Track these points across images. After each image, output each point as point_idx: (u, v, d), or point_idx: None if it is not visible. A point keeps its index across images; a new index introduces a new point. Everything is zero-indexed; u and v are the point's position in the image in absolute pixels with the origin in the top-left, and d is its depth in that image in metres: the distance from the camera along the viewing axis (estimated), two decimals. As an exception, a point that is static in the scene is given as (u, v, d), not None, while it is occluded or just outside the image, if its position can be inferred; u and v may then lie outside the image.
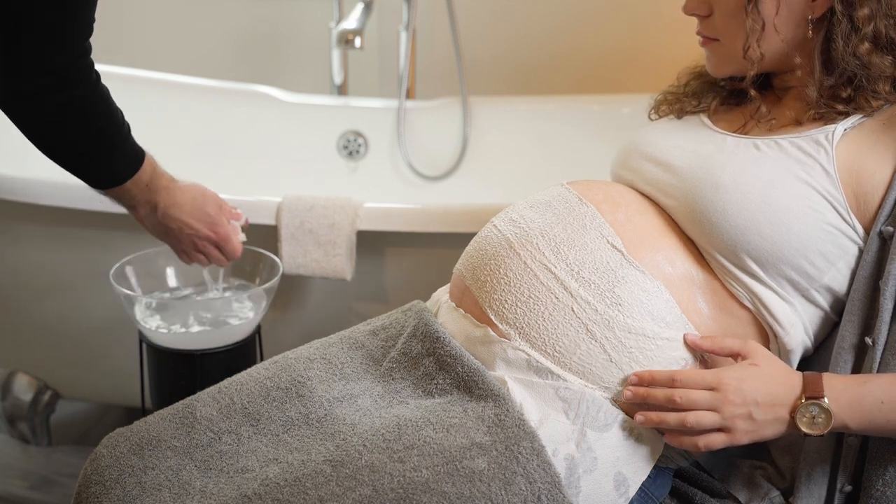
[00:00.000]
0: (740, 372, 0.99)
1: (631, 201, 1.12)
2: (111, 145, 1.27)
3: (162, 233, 1.41)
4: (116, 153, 1.28)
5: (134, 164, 1.30)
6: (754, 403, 0.98)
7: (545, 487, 0.95)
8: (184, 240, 1.41)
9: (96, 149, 1.26)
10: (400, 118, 2.30)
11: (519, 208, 1.14)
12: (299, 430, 1.05)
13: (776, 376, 1.00)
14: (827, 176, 1.05)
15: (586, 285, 1.04)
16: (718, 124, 1.17)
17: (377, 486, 0.94)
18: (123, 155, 1.29)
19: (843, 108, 1.08)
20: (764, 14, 1.08)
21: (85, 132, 1.23)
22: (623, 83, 2.41)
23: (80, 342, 1.89)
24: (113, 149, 1.27)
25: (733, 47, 1.11)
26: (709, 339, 1.03)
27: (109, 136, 1.26)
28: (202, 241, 1.42)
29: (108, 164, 1.28)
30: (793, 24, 1.09)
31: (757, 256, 1.04)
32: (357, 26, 2.10)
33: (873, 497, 1.01)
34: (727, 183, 1.06)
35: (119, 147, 1.28)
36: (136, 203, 1.35)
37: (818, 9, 1.08)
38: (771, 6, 1.08)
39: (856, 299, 1.05)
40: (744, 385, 0.98)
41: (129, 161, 1.30)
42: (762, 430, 0.99)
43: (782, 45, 1.10)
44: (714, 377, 0.99)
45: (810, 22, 1.08)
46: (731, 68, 1.15)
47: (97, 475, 1.04)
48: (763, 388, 0.98)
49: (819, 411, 0.97)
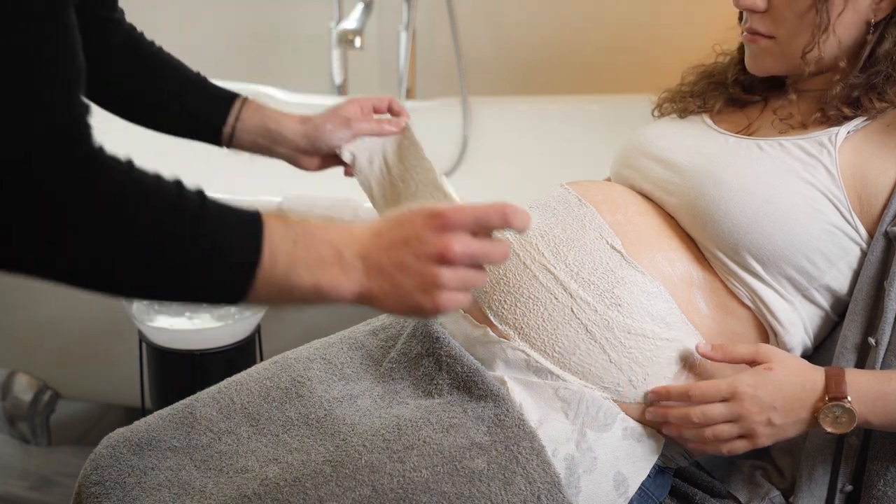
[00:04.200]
0: (755, 378, 0.98)
1: (631, 202, 1.12)
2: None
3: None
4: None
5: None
6: (772, 409, 0.97)
7: (545, 487, 0.95)
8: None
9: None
10: (400, 118, 2.30)
11: (518, 208, 1.14)
12: (299, 430, 1.05)
13: (793, 377, 0.98)
14: (830, 176, 1.05)
15: (586, 286, 1.04)
16: (721, 125, 1.17)
17: (377, 487, 0.94)
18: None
19: (850, 112, 1.08)
20: (830, 14, 1.06)
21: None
22: (623, 83, 2.41)
23: (80, 342, 1.89)
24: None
25: (791, 46, 1.09)
26: (720, 348, 1.02)
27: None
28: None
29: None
30: (852, 26, 1.07)
31: (758, 255, 1.04)
32: (357, 26, 2.10)
33: (874, 497, 1.01)
34: (730, 180, 1.06)
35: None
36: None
37: (881, 12, 1.07)
38: (837, 6, 1.06)
39: (859, 299, 1.05)
40: (759, 392, 0.97)
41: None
42: (783, 432, 0.99)
43: (837, 46, 1.09)
44: (728, 387, 0.98)
45: (871, 25, 1.07)
46: (780, 67, 1.13)
47: (97, 475, 1.04)
48: (780, 393, 0.97)
49: (842, 412, 0.96)
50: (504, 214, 0.81)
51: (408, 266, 0.80)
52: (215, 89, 1.20)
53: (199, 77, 1.20)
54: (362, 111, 1.21)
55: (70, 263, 0.73)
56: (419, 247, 0.80)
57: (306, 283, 0.78)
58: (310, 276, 0.78)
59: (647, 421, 1.03)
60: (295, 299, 0.79)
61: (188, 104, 1.18)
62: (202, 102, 1.18)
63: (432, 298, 0.80)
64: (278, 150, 1.20)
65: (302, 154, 1.20)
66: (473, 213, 0.80)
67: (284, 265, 0.77)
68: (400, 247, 0.80)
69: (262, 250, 0.76)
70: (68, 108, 0.71)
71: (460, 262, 0.80)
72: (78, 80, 0.73)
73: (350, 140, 1.19)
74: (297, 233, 0.78)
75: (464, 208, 0.81)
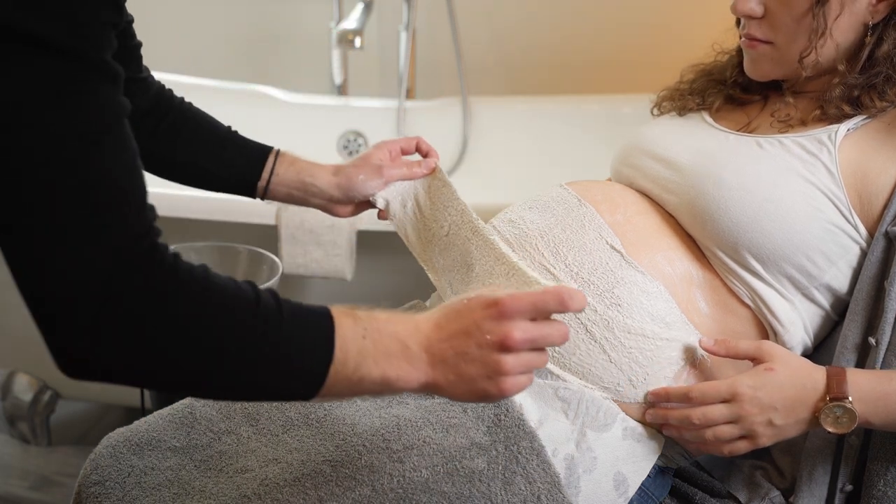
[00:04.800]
0: (755, 379, 0.98)
1: (630, 202, 1.12)
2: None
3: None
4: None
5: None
6: (773, 409, 0.97)
7: (545, 487, 0.95)
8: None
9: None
10: (400, 118, 2.30)
11: (518, 209, 1.14)
12: (299, 430, 1.05)
13: (794, 378, 0.98)
14: (829, 175, 1.05)
15: (585, 286, 1.04)
16: (720, 122, 1.17)
17: (376, 486, 0.94)
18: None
19: (850, 110, 1.08)
20: (827, 18, 1.06)
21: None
22: (623, 83, 2.41)
23: (80, 342, 1.88)
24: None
25: (789, 51, 1.10)
26: (722, 343, 1.02)
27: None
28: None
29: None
30: (850, 30, 1.08)
31: (758, 253, 1.04)
32: (357, 26, 2.10)
33: (874, 497, 1.01)
34: (730, 179, 1.06)
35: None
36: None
37: (879, 14, 1.07)
38: (834, 10, 1.06)
39: (860, 299, 1.05)
40: (759, 393, 0.97)
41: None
42: (784, 432, 0.99)
43: (834, 50, 1.09)
44: (728, 388, 0.98)
45: (869, 28, 1.07)
46: (779, 72, 1.13)
47: (97, 475, 1.04)
48: (780, 394, 0.97)
49: (843, 412, 0.96)
50: (561, 299, 0.83)
51: (471, 356, 0.82)
52: (248, 144, 1.21)
53: (231, 132, 1.21)
54: (392, 156, 1.22)
55: (154, 373, 0.75)
56: (480, 336, 0.82)
57: (375, 375, 0.80)
58: (378, 369, 0.80)
59: (648, 421, 1.03)
60: (364, 391, 0.82)
61: (222, 163, 1.20)
62: (236, 160, 1.20)
63: (497, 385, 0.82)
64: (312, 201, 1.22)
65: (336, 204, 1.22)
66: (530, 299, 0.82)
67: (355, 361, 0.80)
68: (462, 337, 0.82)
69: (335, 349, 0.79)
70: (142, 221, 0.74)
71: (521, 348, 0.82)
72: (144, 187, 0.75)
73: (382, 187, 1.21)
74: (365, 327, 0.81)
75: (521, 296, 0.82)
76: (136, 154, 0.75)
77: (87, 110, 0.70)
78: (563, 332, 0.84)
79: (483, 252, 1.06)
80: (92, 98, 0.70)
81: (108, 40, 0.71)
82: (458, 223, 1.13)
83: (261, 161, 1.19)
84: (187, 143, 1.18)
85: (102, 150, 0.71)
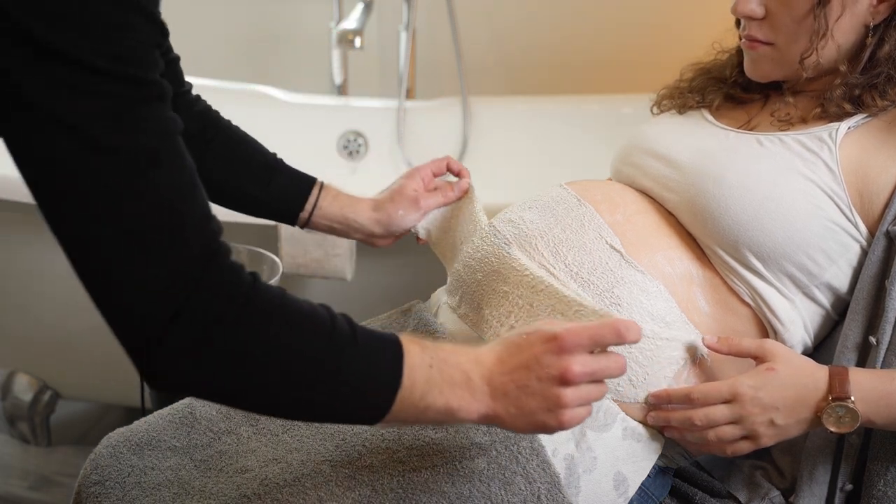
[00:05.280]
0: (756, 379, 0.98)
1: (630, 201, 1.12)
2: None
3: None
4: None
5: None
6: (774, 409, 0.97)
7: (545, 487, 0.95)
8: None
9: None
10: (400, 118, 2.30)
11: (517, 209, 1.14)
12: (299, 430, 1.05)
13: (796, 378, 0.98)
14: (830, 173, 1.05)
15: (585, 286, 1.03)
16: (721, 120, 1.17)
17: (376, 486, 0.94)
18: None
19: (851, 108, 1.08)
20: (828, 19, 1.06)
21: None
22: (623, 83, 2.41)
23: (80, 342, 1.88)
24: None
25: (790, 52, 1.10)
26: (725, 341, 1.02)
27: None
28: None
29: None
30: (851, 31, 1.08)
31: (758, 252, 1.04)
32: (357, 26, 2.10)
33: (874, 497, 1.01)
34: (730, 177, 1.06)
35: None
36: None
37: (880, 15, 1.07)
38: (835, 11, 1.06)
39: (860, 298, 1.05)
40: (760, 393, 0.97)
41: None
42: (786, 432, 0.98)
43: (836, 51, 1.09)
44: (729, 389, 0.98)
45: (870, 29, 1.07)
46: (780, 73, 1.13)
47: (97, 475, 1.04)
48: (782, 393, 0.97)
49: (845, 412, 0.96)
50: (618, 331, 0.85)
51: (531, 389, 0.84)
52: (293, 174, 1.22)
53: (277, 160, 1.22)
54: (425, 184, 1.25)
55: (230, 391, 0.78)
56: (540, 370, 0.84)
57: (439, 404, 0.83)
58: (442, 398, 0.83)
59: (650, 423, 1.03)
60: (428, 418, 0.84)
61: (269, 192, 1.20)
62: (282, 189, 1.20)
63: (556, 417, 0.84)
64: (353, 235, 1.24)
65: (376, 237, 1.24)
66: (588, 333, 0.84)
67: (422, 389, 0.82)
68: (523, 371, 0.84)
69: (403, 376, 0.81)
70: (203, 240, 0.75)
71: (580, 381, 0.84)
72: (205, 205, 0.77)
73: (421, 218, 1.23)
74: (432, 356, 0.83)
75: (579, 330, 0.84)
76: (194, 171, 0.76)
77: (144, 131, 0.71)
78: (621, 364, 0.86)
79: (510, 273, 1.06)
80: (147, 118, 0.72)
81: (156, 61, 0.72)
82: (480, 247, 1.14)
83: (305, 192, 1.21)
84: (236, 169, 1.19)
85: (159, 171, 0.72)
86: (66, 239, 0.73)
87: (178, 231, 0.73)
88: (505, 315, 1.05)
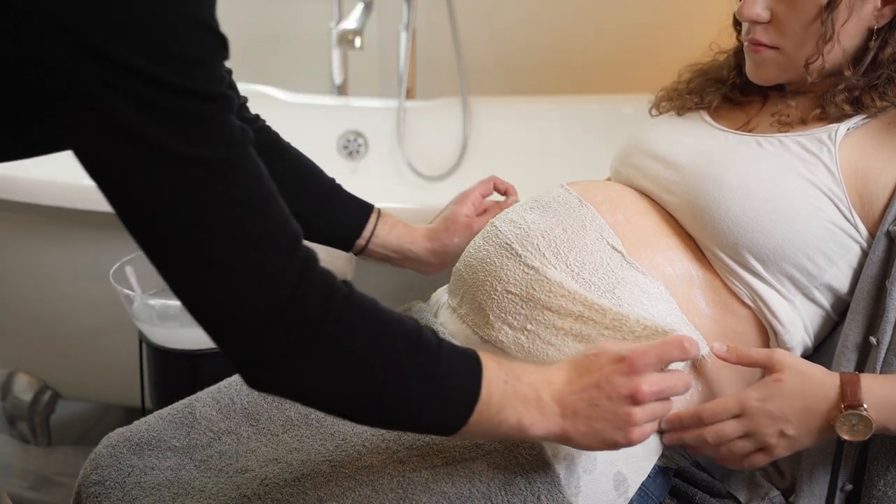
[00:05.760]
0: (763, 391, 0.97)
1: (630, 202, 1.12)
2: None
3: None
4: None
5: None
6: (784, 420, 0.96)
7: (545, 487, 0.95)
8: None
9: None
10: (400, 118, 2.30)
11: (519, 209, 1.14)
12: (299, 430, 1.05)
13: (804, 387, 0.96)
14: (830, 174, 1.05)
15: (586, 286, 1.03)
16: (720, 122, 1.17)
17: (377, 486, 0.94)
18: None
19: (850, 110, 1.08)
20: (835, 23, 1.06)
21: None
22: (623, 83, 2.41)
23: (80, 342, 1.89)
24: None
25: (796, 56, 1.09)
26: (734, 351, 1.00)
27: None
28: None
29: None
30: (856, 34, 1.08)
31: (758, 253, 1.04)
32: (357, 26, 2.10)
33: (875, 497, 1.01)
34: (730, 179, 1.06)
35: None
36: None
37: (884, 18, 1.07)
38: (842, 16, 1.06)
39: (861, 298, 1.05)
40: (768, 405, 0.96)
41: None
42: (799, 442, 0.97)
43: (841, 55, 1.08)
44: (737, 403, 0.97)
45: (874, 32, 1.07)
46: (784, 77, 1.13)
47: (97, 475, 1.04)
48: (790, 404, 0.96)
49: (858, 420, 0.94)
50: (683, 348, 0.90)
51: (602, 408, 0.88)
52: (351, 200, 1.23)
53: (335, 185, 1.23)
54: (476, 208, 1.26)
55: (331, 391, 0.80)
56: (611, 390, 0.88)
57: (512, 420, 0.86)
58: (516, 415, 0.86)
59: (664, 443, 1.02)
60: (500, 433, 0.87)
61: (328, 218, 1.21)
62: (341, 216, 1.21)
63: (626, 434, 0.89)
64: (407, 265, 1.26)
65: (430, 266, 1.26)
66: (655, 352, 0.89)
67: (498, 403, 0.85)
68: (593, 390, 0.88)
69: (482, 389, 0.84)
70: (301, 243, 0.79)
71: (649, 400, 0.89)
72: (288, 213, 0.79)
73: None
74: (507, 372, 0.86)
75: (646, 351, 0.89)
76: (270, 178, 0.78)
77: (224, 143, 0.73)
78: (686, 382, 0.92)
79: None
80: (224, 130, 0.74)
81: (223, 74, 0.74)
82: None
83: (363, 220, 1.22)
84: (297, 193, 1.18)
85: (244, 180, 0.75)
86: (159, 255, 0.75)
87: (270, 237, 0.76)
88: (509, 315, 1.05)
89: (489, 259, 1.09)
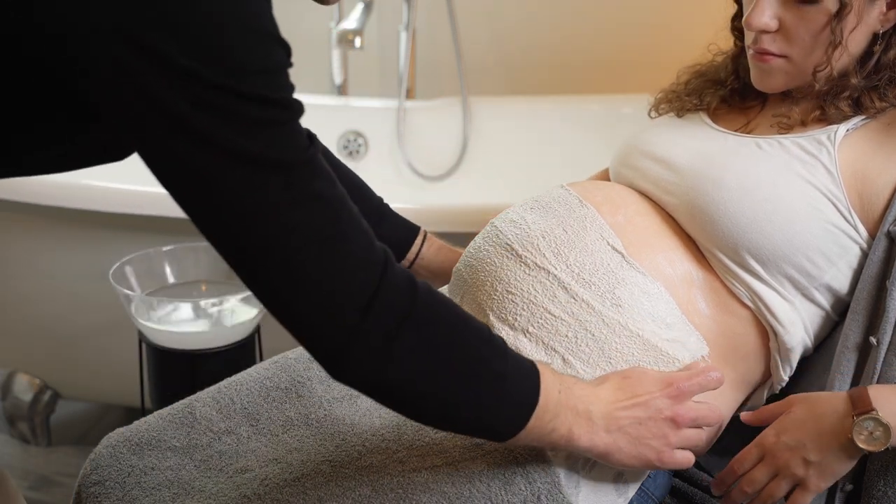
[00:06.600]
0: (775, 427, 0.98)
1: (631, 202, 1.12)
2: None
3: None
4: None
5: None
6: (802, 448, 0.95)
7: (545, 487, 0.95)
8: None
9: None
10: (400, 118, 2.30)
11: (519, 209, 1.14)
12: (299, 430, 1.05)
13: (814, 410, 0.96)
14: (829, 175, 1.05)
15: (587, 287, 1.03)
16: (719, 123, 1.17)
17: (377, 486, 0.94)
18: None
19: (850, 111, 1.08)
20: (844, 31, 1.06)
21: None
22: (623, 83, 2.41)
23: (80, 342, 1.89)
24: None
25: (804, 64, 1.09)
26: (757, 414, 1.01)
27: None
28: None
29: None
30: (862, 40, 1.08)
31: (758, 254, 1.04)
32: (357, 26, 2.10)
33: (874, 497, 1.01)
34: (729, 180, 1.06)
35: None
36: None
37: (888, 22, 1.07)
38: (851, 23, 1.05)
39: (861, 299, 1.05)
40: (783, 437, 0.96)
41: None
42: (828, 468, 0.96)
43: (847, 61, 1.08)
44: (757, 447, 0.98)
45: (879, 36, 1.07)
46: (791, 85, 1.12)
47: (97, 475, 1.04)
48: (804, 431, 0.96)
49: (875, 425, 0.93)
50: (719, 381, 0.97)
51: (644, 427, 0.93)
52: (397, 220, 1.24)
53: (382, 204, 1.24)
54: None
55: (416, 383, 0.82)
56: (655, 412, 0.93)
57: (563, 430, 0.89)
58: (566, 424, 0.89)
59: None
60: (550, 442, 0.90)
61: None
62: (388, 235, 1.20)
63: (660, 456, 0.94)
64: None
65: None
66: (698, 381, 0.96)
67: (552, 411, 0.88)
68: (638, 410, 0.93)
69: (540, 395, 0.87)
70: (377, 242, 0.81)
71: (688, 425, 0.95)
72: (361, 218, 0.82)
73: None
74: (560, 383, 0.89)
75: (690, 378, 0.95)
76: (340, 184, 0.81)
77: (300, 148, 0.77)
78: (719, 415, 0.99)
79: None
80: (299, 137, 0.78)
81: (292, 83, 0.78)
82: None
83: (410, 240, 1.24)
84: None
85: (320, 183, 0.78)
86: (249, 262, 0.77)
87: (353, 230, 0.79)
88: (509, 315, 1.05)
89: (489, 259, 1.09)
